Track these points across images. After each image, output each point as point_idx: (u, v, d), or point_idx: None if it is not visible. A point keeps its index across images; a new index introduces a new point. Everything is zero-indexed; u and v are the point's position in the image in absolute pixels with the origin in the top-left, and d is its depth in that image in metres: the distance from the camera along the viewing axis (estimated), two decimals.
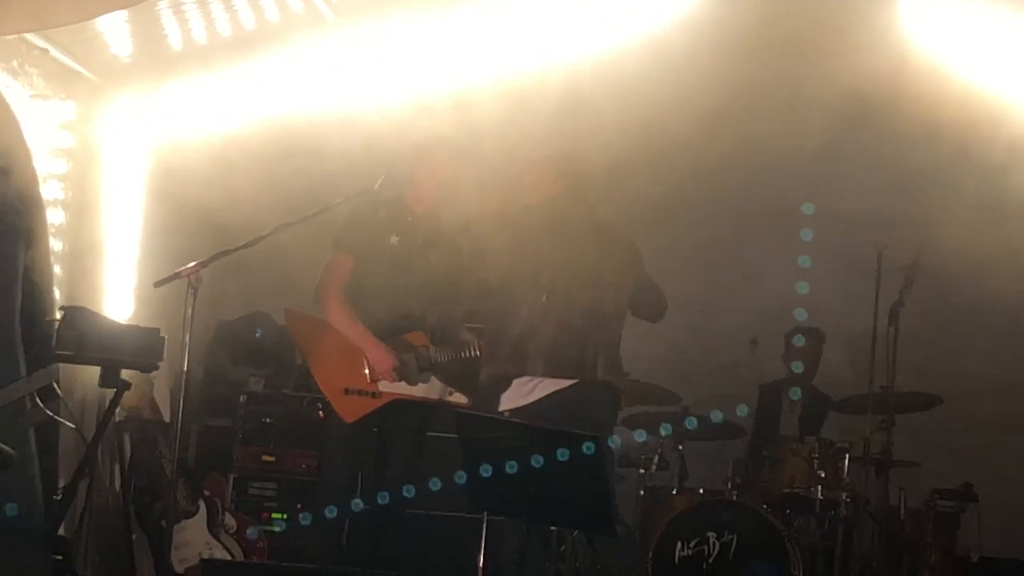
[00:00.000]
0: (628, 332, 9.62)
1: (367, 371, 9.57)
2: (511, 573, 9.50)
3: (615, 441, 10.04)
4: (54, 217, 9.65)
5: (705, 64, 10.33)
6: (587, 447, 7.83)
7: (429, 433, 9.99)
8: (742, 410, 11.70)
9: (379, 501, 9.61)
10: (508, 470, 7.98)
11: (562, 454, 7.82)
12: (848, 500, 11.19)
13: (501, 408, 9.12)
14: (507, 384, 9.13)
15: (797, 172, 10.96)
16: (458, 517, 10.63)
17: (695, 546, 10.83)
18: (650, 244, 9.74)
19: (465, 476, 8.49)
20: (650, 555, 10.75)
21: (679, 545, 10.80)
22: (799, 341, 11.86)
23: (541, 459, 7.90)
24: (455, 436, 9.15)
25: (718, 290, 11.61)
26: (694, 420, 11.54)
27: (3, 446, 5.89)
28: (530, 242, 9.19)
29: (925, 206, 10.70)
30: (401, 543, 9.64)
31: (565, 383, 9.12)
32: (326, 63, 10.27)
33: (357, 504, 9.67)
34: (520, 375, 9.12)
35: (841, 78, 10.48)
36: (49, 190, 9.60)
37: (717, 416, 11.55)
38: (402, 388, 9.59)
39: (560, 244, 9.14)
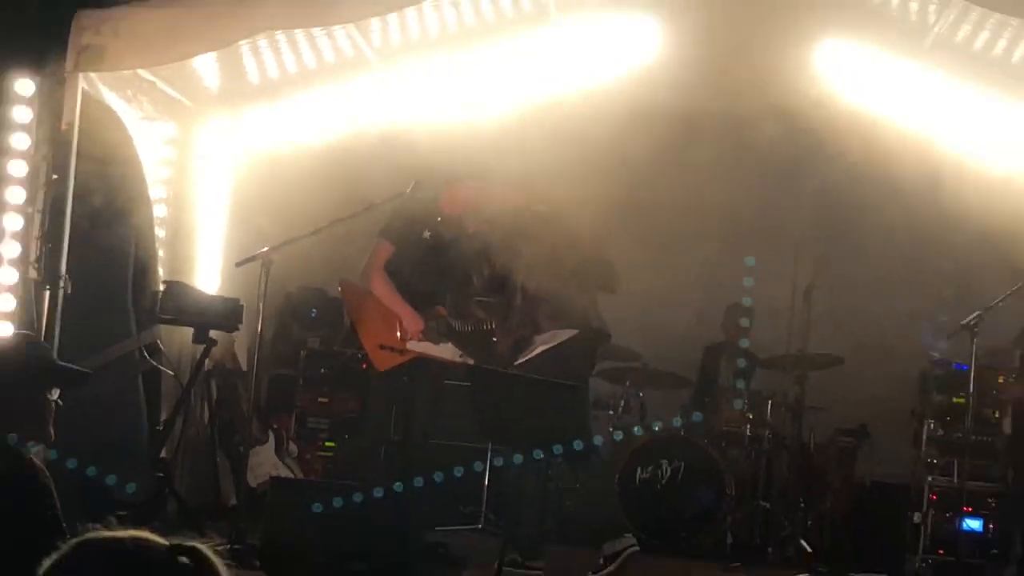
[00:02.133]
0: (608, 310, 9.70)
1: (399, 332, 9.60)
2: (509, 489, 9.58)
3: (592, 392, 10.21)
4: (159, 211, 9.80)
5: (663, 101, 10.36)
6: (568, 391, 7.95)
7: (446, 382, 9.94)
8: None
9: (408, 433, 9.68)
10: (507, 410, 8.08)
11: (548, 396, 7.91)
12: (770, 437, 11.37)
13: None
14: (528, 344, 9.20)
15: (741, 184, 10.96)
16: (469, 447, 10.66)
17: (651, 471, 10.88)
18: (627, 240, 9.82)
19: (477, 413, 8.62)
20: (617, 477, 10.82)
21: (639, 470, 10.85)
22: (745, 322, 11.87)
23: (533, 402, 8.00)
24: (468, 384, 9.28)
25: (679, 277, 11.59)
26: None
27: (77, 367, 5.89)
28: (520, 240, 9.25)
29: (823, 222, 10.70)
30: (425, 467, 9.70)
31: (563, 336, 9.18)
32: (371, 94, 10.26)
33: (391, 435, 9.70)
34: (534, 335, 9.21)
35: (772, 111, 10.52)
36: (155, 191, 9.69)
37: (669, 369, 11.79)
38: (426, 348, 9.52)
39: (540, 239, 9.18)
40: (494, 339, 9.46)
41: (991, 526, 10.74)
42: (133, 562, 2.26)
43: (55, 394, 5.38)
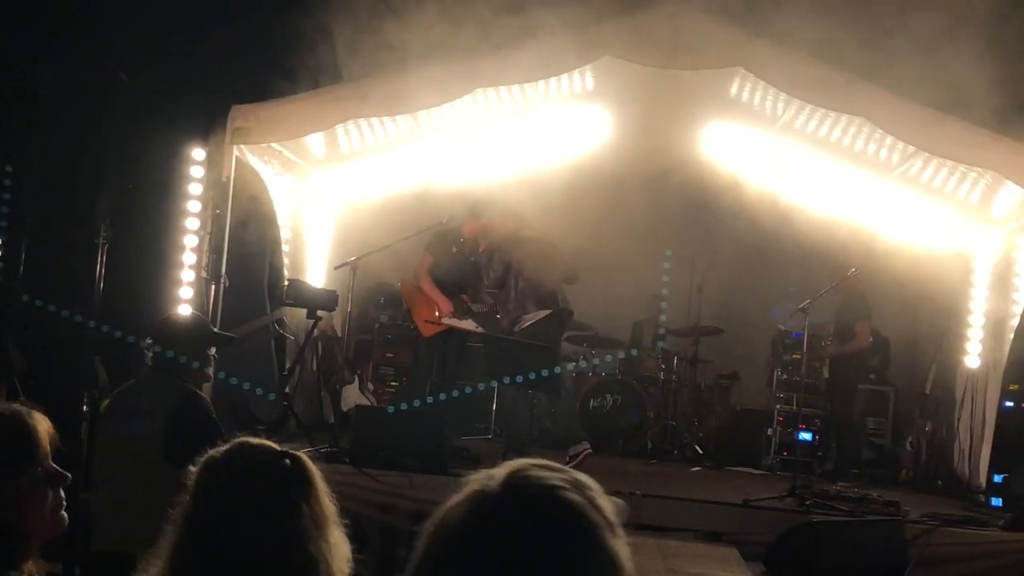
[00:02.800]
0: (572, 297, 9.70)
1: (437, 312, 9.62)
2: (508, 411, 9.66)
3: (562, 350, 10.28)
4: (284, 233, 9.87)
5: (610, 163, 10.38)
6: (545, 350, 8.06)
7: (468, 344, 9.93)
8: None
9: (443, 376, 9.71)
10: (506, 361, 8.18)
11: (532, 352, 8.01)
12: (675, 379, 11.41)
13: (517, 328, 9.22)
14: (520, 320, 9.22)
15: (659, 217, 10.98)
16: (482, 385, 10.56)
17: (599, 401, 10.94)
18: (585, 252, 9.84)
19: (488, 363, 8.70)
20: (577, 404, 10.88)
21: (591, 400, 10.91)
22: (661, 305, 11.87)
23: (523, 356, 8.10)
24: (481, 345, 9.35)
25: (618, 276, 11.54)
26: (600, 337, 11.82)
27: (226, 333, 5.94)
28: (514, 253, 9.30)
29: (712, 241, 10.73)
30: (454, 398, 9.73)
31: (543, 314, 9.17)
32: (417, 157, 10.27)
33: (432, 377, 9.73)
34: (524, 315, 9.23)
35: (678, 170, 10.58)
36: (282, 220, 9.77)
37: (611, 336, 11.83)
38: (454, 322, 9.51)
39: (524, 249, 9.24)
40: (498, 316, 9.50)
41: (817, 437, 10.88)
42: (260, 459, 2.36)
43: (212, 351, 5.46)
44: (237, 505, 2.27)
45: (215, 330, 5.83)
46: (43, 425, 2.59)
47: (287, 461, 2.35)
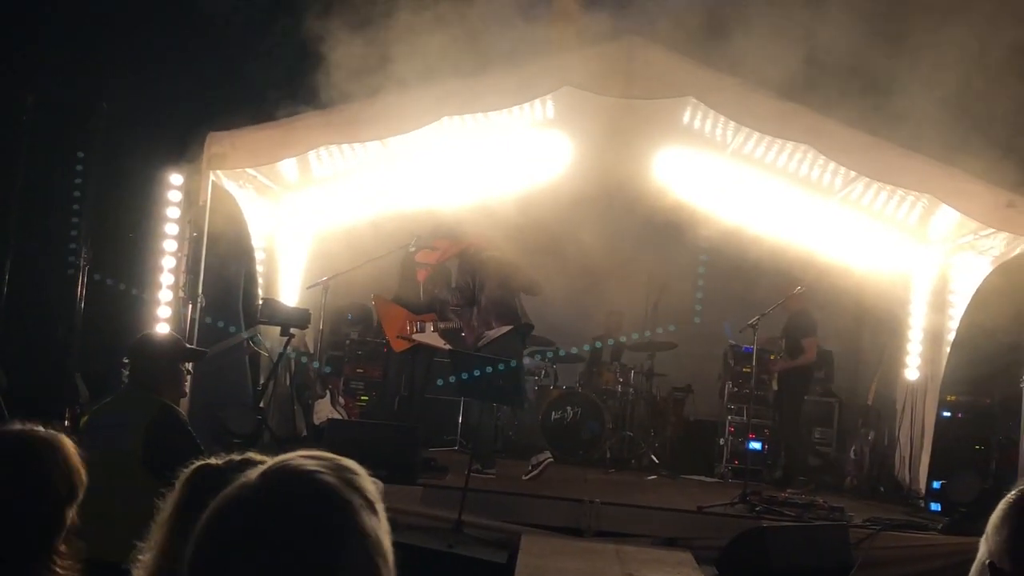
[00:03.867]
0: (534, 311, 9.75)
1: (408, 327, 9.64)
2: (474, 423, 9.65)
3: (526, 361, 10.27)
4: (259, 255, 9.77)
5: (570, 186, 10.40)
6: (509, 365, 8.07)
7: (436, 358, 9.96)
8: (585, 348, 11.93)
9: (412, 390, 9.71)
10: (472, 375, 8.17)
11: (496, 367, 8.03)
12: (632, 392, 11.38)
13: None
14: (483, 337, 9.18)
15: (615, 237, 11.01)
16: (450, 399, 10.67)
17: (560, 413, 10.91)
18: (548, 270, 9.82)
19: (454, 379, 8.66)
20: (540, 416, 10.89)
21: (553, 412, 10.86)
22: (618, 322, 11.89)
23: (488, 370, 8.11)
24: (448, 360, 9.33)
25: (578, 294, 11.56)
26: (561, 351, 11.85)
27: (200, 348, 5.98)
28: (477, 273, 9.33)
29: (666, 261, 10.77)
30: (423, 411, 9.73)
31: (504, 329, 9.12)
32: (386, 182, 10.23)
33: (401, 391, 9.73)
34: (487, 331, 9.21)
35: (633, 193, 10.62)
36: (257, 242, 9.65)
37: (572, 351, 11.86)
38: (423, 337, 9.56)
39: (484, 268, 9.27)
40: (463, 334, 9.48)
41: (766, 446, 10.96)
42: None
43: (187, 366, 5.49)
44: None
45: (187, 346, 5.86)
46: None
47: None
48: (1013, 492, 1.85)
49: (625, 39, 8.61)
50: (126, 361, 5.41)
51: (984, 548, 1.83)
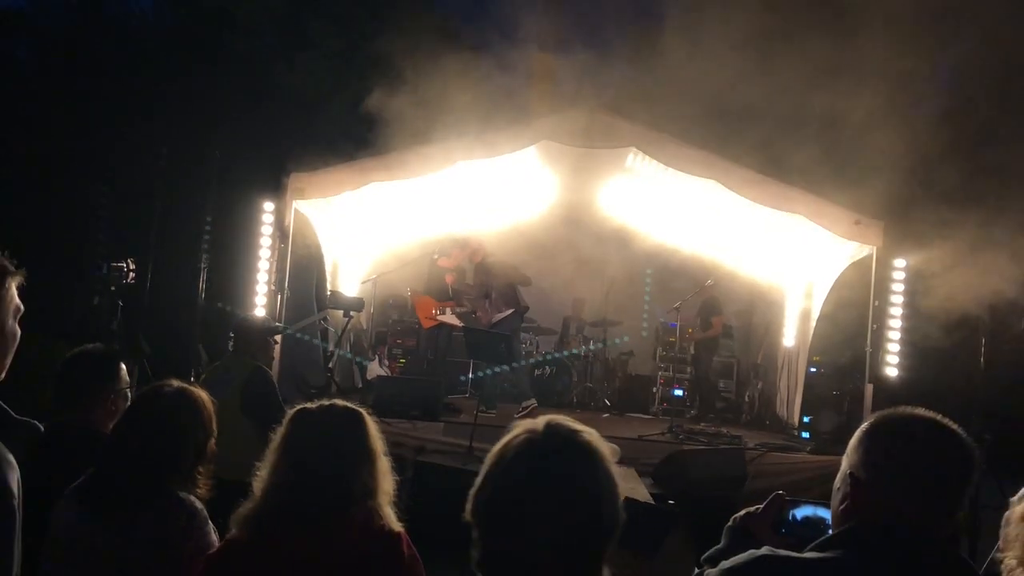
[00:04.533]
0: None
1: (434, 311, 9.62)
2: (481, 379, 9.63)
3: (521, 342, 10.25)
4: (328, 262, 9.67)
5: (554, 212, 10.40)
6: (504, 338, 8.05)
7: (454, 332, 9.86)
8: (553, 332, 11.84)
9: (437, 355, 9.68)
10: (480, 345, 8.17)
11: (497, 340, 8.02)
12: (591, 357, 11.32)
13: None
14: (492, 318, 9.12)
15: (582, 247, 10.96)
16: (464, 361, 10.52)
17: (541, 370, 10.94)
18: (535, 270, 9.83)
19: (466, 345, 8.64)
20: (534, 373, 10.87)
21: (535, 370, 10.81)
22: (581, 305, 11.81)
23: (491, 342, 8.09)
24: (463, 335, 9.31)
25: (556, 286, 11.46)
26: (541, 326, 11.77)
27: (283, 326, 6.02)
28: (487, 272, 9.31)
29: (618, 261, 10.69)
30: (447, 370, 9.68)
31: (508, 311, 9.09)
32: (417, 207, 10.06)
33: (429, 356, 9.69)
34: (496, 313, 9.14)
35: (591, 223, 10.61)
36: (326, 251, 9.56)
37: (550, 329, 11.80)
38: (444, 318, 9.54)
39: (492, 270, 9.25)
40: (476, 314, 9.46)
41: (686, 393, 10.93)
42: (337, 411, 2.44)
43: (275, 339, 5.56)
44: (323, 440, 2.34)
45: (274, 324, 5.91)
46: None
47: (353, 414, 2.43)
48: (866, 422, 1.83)
49: (584, 107, 8.62)
50: (231, 334, 5.45)
51: (845, 463, 1.80)
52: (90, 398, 2.95)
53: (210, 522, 2.54)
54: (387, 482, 2.36)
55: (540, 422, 1.55)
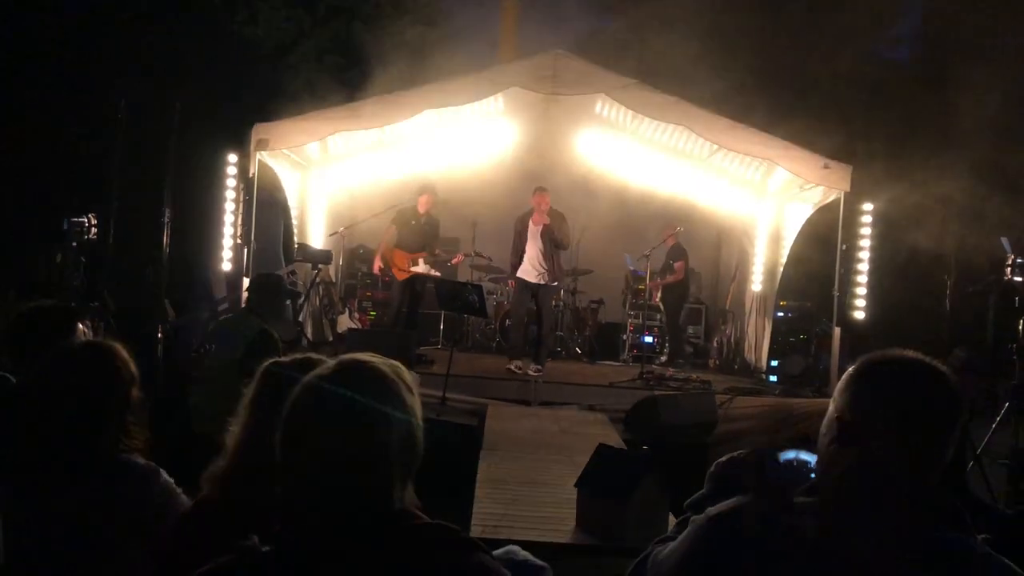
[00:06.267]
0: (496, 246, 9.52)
1: (407, 263, 9.53)
2: (453, 327, 9.60)
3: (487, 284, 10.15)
4: (294, 212, 9.56)
5: (515, 159, 10.34)
6: (476, 288, 7.97)
7: (427, 284, 9.72)
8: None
9: (411, 307, 9.58)
10: (450, 295, 8.10)
11: (468, 290, 7.95)
12: (562, 304, 11.23)
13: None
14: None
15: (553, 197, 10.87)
16: (437, 313, 10.41)
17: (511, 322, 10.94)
18: (493, 216, 9.70)
19: (437, 296, 8.57)
20: (496, 322, 10.82)
21: (506, 320, 10.57)
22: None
23: (460, 292, 8.02)
24: (433, 286, 9.25)
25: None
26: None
27: (297, 291, 5.95)
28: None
29: (588, 209, 10.65)
30: (418, 324, 9.63)
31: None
32: (383, 156, 10.03)
33: (402, 308, 9.60)
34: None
35: (563, 164, 10.55)
36: (292, 202, 9.45)
37: None
38: (417, 269, 9.47)
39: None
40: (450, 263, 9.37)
41: (655, 339, 10.99)
42: (312, 364, 2.35)
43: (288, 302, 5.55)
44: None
45: (290, 288, 5.84)
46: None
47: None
48: (854, 364, 1.77)
49: (552, 52, 8.50)
50: (246, 291, 5.43)
51: (832, 407, 1.76)
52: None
53: (172, 483, 2.44)
54: None
55: (332, 360, 1.58)
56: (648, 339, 10.69)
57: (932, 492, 1.64)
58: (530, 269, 8.88)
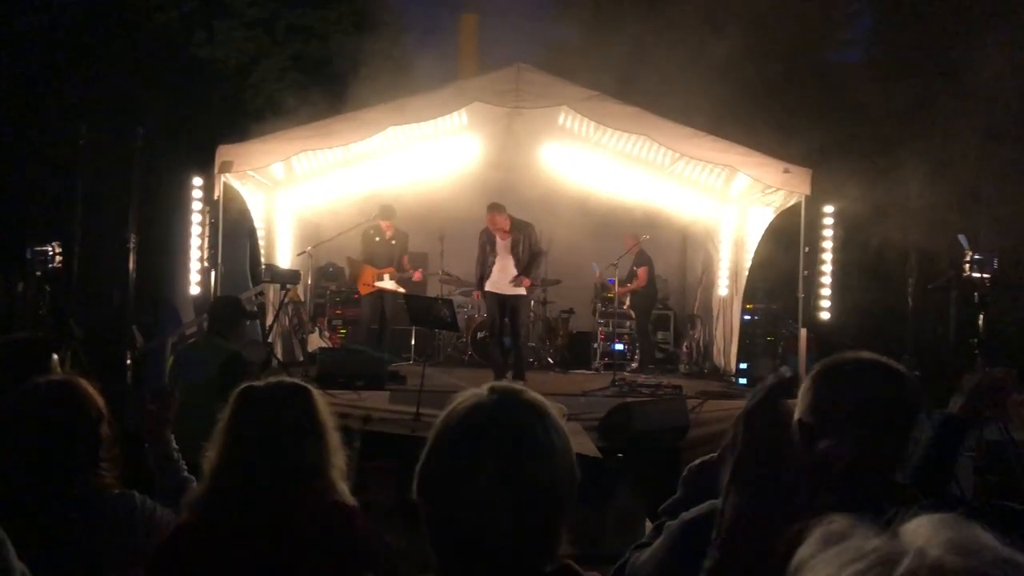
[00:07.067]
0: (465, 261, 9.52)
1: (372, 278, 9.51)
2: (425, 342, 9.59)
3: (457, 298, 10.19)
4: (260, 232, 9.46)
5: (480, 173, 10.35)
6: (447, 303, 7.97)
7: (399, 300, 9.66)
8: None
9: (382, 324, 9.57)
10: (421, 311, 8.09)
11: (440, 306, 7.92)
12: (532, 314, 11.09)
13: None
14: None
15: (519, 209, 10.90)
16: (407, 329, 10.34)
17: (484, 333, 10.94)
18: (458, 231, 9.74)
19: (408, 312, 8.54)
20: (468, 336, 10.85)
21: (478, 333, 10.75)
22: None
23: (430, 307, 8.01)
24: (404, 301, 9.22)
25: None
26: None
27: (255, 312, 5.95)
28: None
29: (555, 219, 10.74)
30: (389, 339, 9.61)
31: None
32: (348, 175, 10.07)
33: (372, 324, 9.62)
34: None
35: (529, 177, 10.60)
36: (257, 223, 9.34)
37: None
38: (383, 284, 9.47)
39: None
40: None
41: (626, 346, 11.02)
42: (286, 387, 2.37)
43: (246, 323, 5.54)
44: (271, 418, 2.28)
45: (249, 309, 5.84)
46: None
47: (301, 390, 2.37)
48: (815, 367, 1.82)
49: (514, 66, 8.54)
50: (206, 316, 5.42)
51: (796, 411, 1.79)
52: None
53: (148, 500, 2.44)
54: (338, 457, 2.31)
55: (484, 387, 1.45)
56: (619, 346, 10.72)
57: (894, 487, 1.70)
58: (501, 281, 8.85)
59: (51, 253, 7.01)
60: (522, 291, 8.83)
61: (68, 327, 7.24)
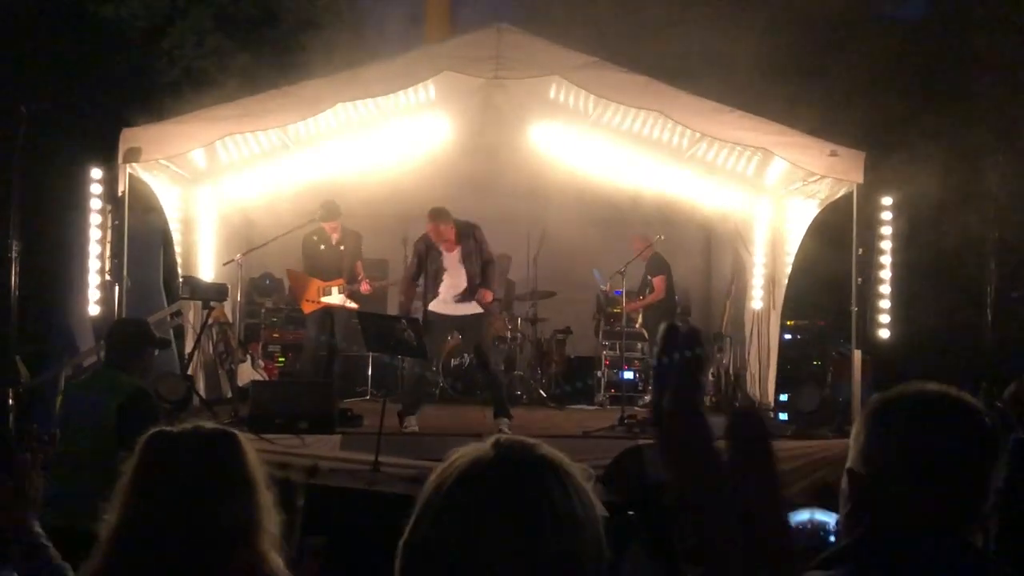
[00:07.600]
0: None
1: (316, 293, 9.50)
2: (384, 375, 9.57)
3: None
4: (176, 237, 9.50)
5: (452, 157, 10.37)
6: (412, 321, 7.96)
7: (352, 320, 9.51)
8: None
9: (330, 350, 9.57)
10: (378, 333, 8.05)
11: (400, 327, 7.90)
12: (520, 336, 11.31)
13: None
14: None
15: (498, 198, 10.81)
16: (361, 355, 10.41)
17: (459, 359, 10.81)
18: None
19: (363, 335, 8.50)
20: (440, 362, 10.79)
21: (452, 360, 10.70)
22: (508, 262, 11.83)
23: (392, 327, 7.99)
24: (358, 320, 9.21)
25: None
26: None
27: (165, 337, 5.89)
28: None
29: (547, 216, 10.74)
30: (338, 367, 9.60)
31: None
32: (287, 164, 10.00)
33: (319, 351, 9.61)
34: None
35: (511, 161, 10.61)
36: (172, 226, 9.42)
37: None
38: (329, 299, 9.46)
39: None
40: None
41: (637, 374, 11.06)
42: (204, 435, 2.36)
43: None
44: (185, 473, 2.26)
45: (156, 335, 5.74)
46: None
47: (224, 438, 2.36)
48: (868, 403, 1.81)
49: (494, 27, 8.55)
50: (102, 343, 5.32)
51: (848, 459, 1.80)
52: None
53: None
54: (269, 520, 2.29)
55: (488, 441, 1.45)
56: (628, 375, 10.74)
57: (970, 552, 1.69)
58: (450, 300, 8.73)
59: None
60: (478, 308, 8.70)
61: None
